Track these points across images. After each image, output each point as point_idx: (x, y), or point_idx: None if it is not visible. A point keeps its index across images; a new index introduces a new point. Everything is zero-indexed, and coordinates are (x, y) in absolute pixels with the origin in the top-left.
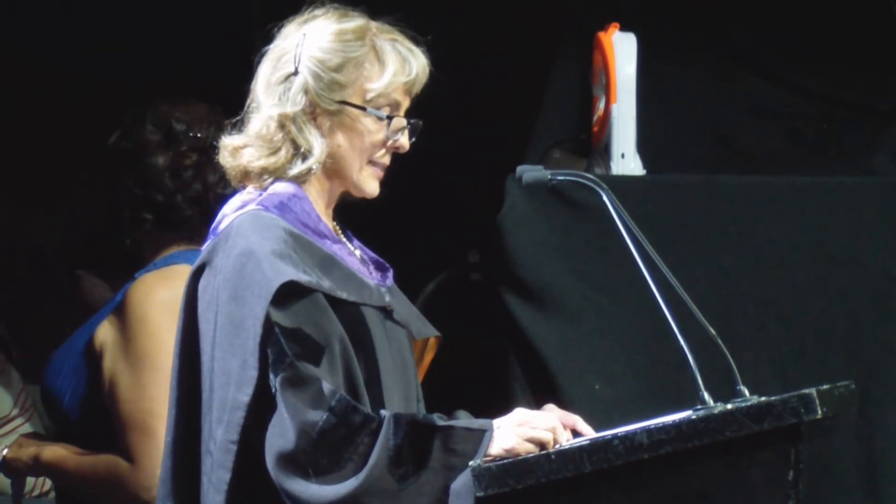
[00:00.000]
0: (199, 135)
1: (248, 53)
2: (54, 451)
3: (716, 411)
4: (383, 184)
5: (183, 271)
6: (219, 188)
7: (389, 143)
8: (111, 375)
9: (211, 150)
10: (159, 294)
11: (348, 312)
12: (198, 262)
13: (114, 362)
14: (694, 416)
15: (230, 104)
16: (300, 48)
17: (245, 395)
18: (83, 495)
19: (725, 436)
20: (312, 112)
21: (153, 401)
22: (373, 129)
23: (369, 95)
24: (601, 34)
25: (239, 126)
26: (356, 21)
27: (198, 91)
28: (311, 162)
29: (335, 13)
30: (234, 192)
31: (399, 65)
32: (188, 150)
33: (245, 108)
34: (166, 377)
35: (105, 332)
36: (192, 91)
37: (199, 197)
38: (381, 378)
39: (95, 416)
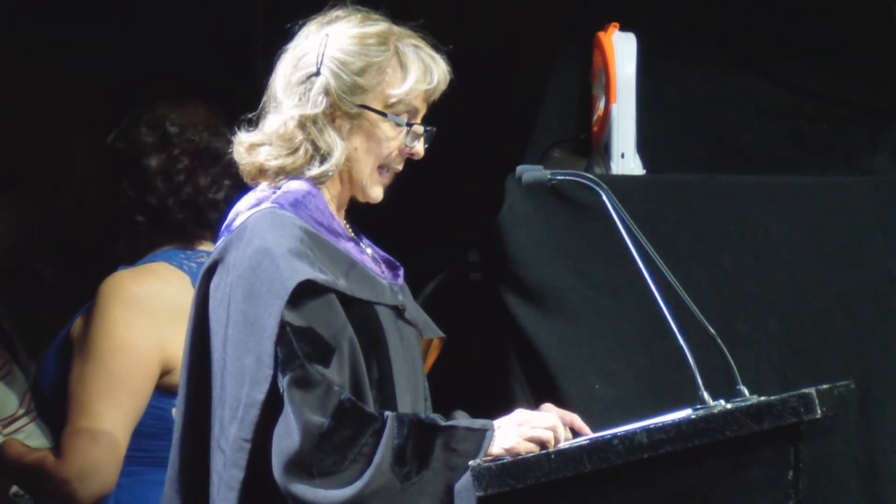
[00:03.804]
0: (192, 138)
1: (248, 53)
2: (8, 445)
3: (716, 411)
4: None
5: (158, 269)
6: (210, 192)
7: (406, 149)
8: (70, 368)
9: (204, 154)
10: (127, 290)
11: (362, 311)
12: (210, 259)
13: (74, 355)
14: (694, 416)
15: (230, 103)
16: (322, 49)
17: (260, 394)
18: (26, 488)
19: (725, 435)
20: (332, 114)
21: (89, 395)
22: (391, 134)
23: (390, 101)
24: (601, 34)
25: (255, 122)
26: (379, 25)
27: (198, 90)
28: (331, 164)
29: (358, 15)
30: (226, 196)
31: (421, 72)
32: (180, 154)
33: (261, 105)
34: (110, 374)
35: (77, 326)
36: (192, 90)
37: (191, 200)
38: (394, 377)
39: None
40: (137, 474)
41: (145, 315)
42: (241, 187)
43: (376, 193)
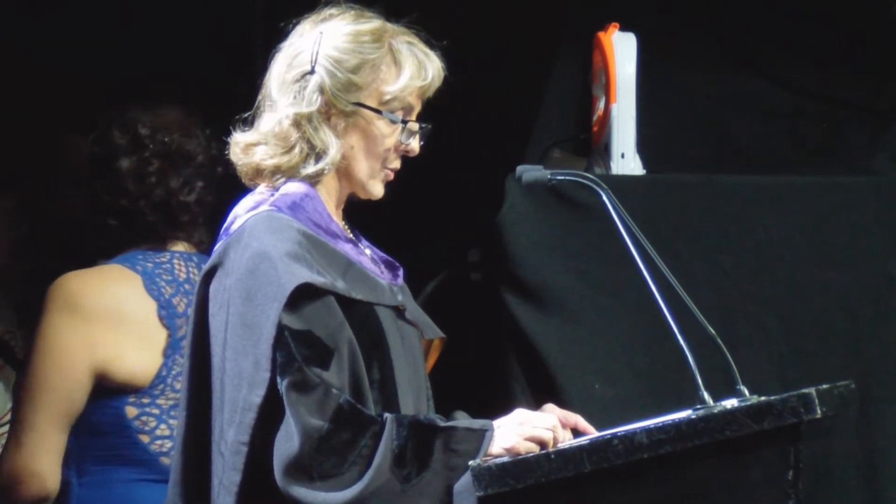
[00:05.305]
0: (163, 140)
1: (248, 53)
2: None
3: (715, 411)
4: (384, 183)
5: (107, 269)
6: (182, 194)
7: (402, 146)
8: None
9: (176, 155)
10: (63, 291)
11: (362, 313)
12: (209, 263)
13: None
14: (694, 416)
15: (230, 103)
16: (317, 47)
17: (257, 397)
18: None
19: (725, 435)
20: (327, 112)
21: (20, 399)
22: (386, 132)
23: (385, 98)
24: (601, 34)
25: (250, 122)
26: (373, 23)
27: (198, 90)
28: (326, 162)
29: (352, 13)
30: (198, 198)
31: (415, 69)
32: (151, 156)
33: (256, 105)
34: (36, 377)
35: None
36: (192, 90)
37: (162, 202)
38: (396, 378)
39: None
40: (100, 473)
41: (78, 316)
42: (213, 189)
43: (377, 190)
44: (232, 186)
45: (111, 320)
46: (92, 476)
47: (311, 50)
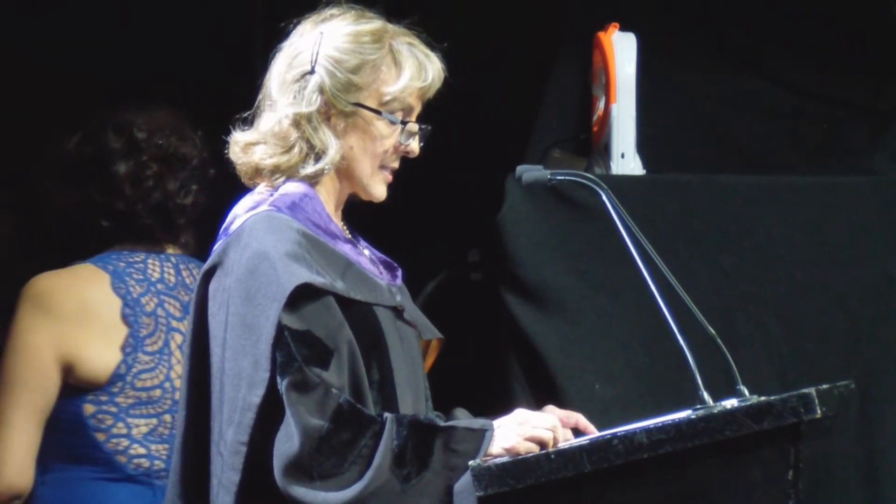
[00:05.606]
0: (160, 143)
1: (248, 53)
2: None
3: (715, 411)
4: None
5: (77, 269)
6: (178, 197)
7: (401, 147)
8: None
9: (172, 158)
10: (33, 289)
11: (361, 313)
12: (208, 263)
13: None
14: (694, 416)
15: (230, 103)
16: (317, 47)
17: (256, 397)
18: None
19: (725, 435)
20: (327, 112)
21: None
22: (386, 132)
23: (385, 99)
24: (601, 34)
25: (250, 122)
26: (373, 23)
27: (198, 90)
28: (325, 162)
29: (352, 14)
30: (194, 201)
31: (415, 70)
32: (149, 160)
33: (256, 105)
34: (10, 373)
35: None
36: (191, 90)
37: (159, 206)
38: (395, 378)
39: None
40: (60, 471)
41: (46, 313)
42: (206, 191)
43: (379, 192)
44: (231, 187)
45: (77, 318)
46: (52, 474)
47: (311, 50)
